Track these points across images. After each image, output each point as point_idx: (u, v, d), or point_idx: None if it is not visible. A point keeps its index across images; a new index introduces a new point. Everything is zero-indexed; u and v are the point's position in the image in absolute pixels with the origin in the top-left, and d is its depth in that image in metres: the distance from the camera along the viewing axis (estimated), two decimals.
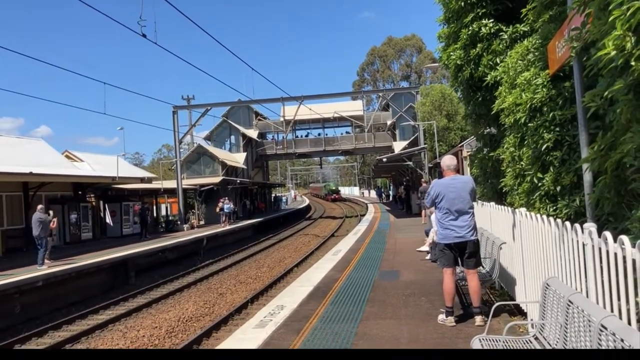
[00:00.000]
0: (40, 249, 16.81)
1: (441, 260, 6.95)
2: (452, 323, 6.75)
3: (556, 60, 6.06)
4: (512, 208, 7.34)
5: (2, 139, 28.90)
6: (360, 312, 7.77)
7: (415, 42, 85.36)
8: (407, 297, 8.71)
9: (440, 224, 6.83)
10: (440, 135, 34.15)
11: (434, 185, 6.97)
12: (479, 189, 11.90)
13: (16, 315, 14.56)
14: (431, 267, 11.52)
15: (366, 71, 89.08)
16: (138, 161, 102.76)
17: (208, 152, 43.06)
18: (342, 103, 52.32)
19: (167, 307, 15.40)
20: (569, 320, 3.95)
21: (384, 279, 10.63)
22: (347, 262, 13.38)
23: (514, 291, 7.37)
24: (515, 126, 7.19)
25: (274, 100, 36.88)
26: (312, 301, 8.76)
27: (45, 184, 24.40)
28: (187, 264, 23.78)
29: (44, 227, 16.80)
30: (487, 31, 9.13)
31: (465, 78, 9.77)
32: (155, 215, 37.58)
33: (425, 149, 31.44)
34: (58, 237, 24.47)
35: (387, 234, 21.07)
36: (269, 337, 6.67)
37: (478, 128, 10.83)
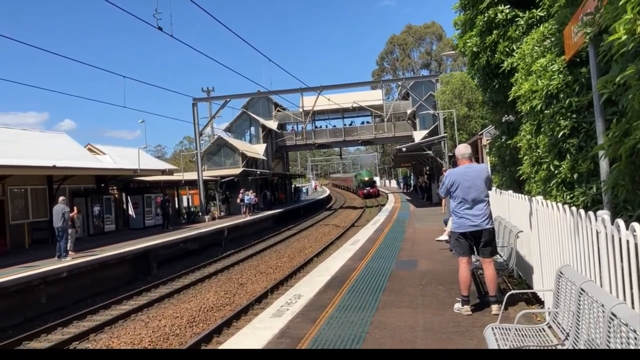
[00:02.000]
0: (60, 240, 17.08)
1: (456, 249, 6.93)
2: (468, 312, 6.73)
3: (572, 45, 5.97)
4: (529, 196, 7.28)
5: (27, 134, 29.44)
6: (377, 301, 7.80)
7: (435, 30, 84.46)
8: (424, 286, 8.71)
9: (455, 212, 6.80)
10: (461, 124, 33.81)
11: (448, 174, 6.94)
12: (498, 177, 11.82)
13: (42, 306, 14.88)
14: (449, 256, 11.44)
15: (385, 60, 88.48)
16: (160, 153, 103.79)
17: (228, 144, 43.31)
18: (362, 93, 52.10)
19: (188, 297, 15.60)
20: (581, 309, 3.92)
21: (402, 268, 10.63)
22: (365, 251, 13.40)
23: (532, 280, 7.33)
24: (532, 113, 7.11)
25: (293, 91, 36.88)
26: (329, 290, 8.81)
27: (69, 177, 24.81)
28: (209, 255, 24.01)
29: (66, 219, 17.08)
30: (503, 17, 9.01)
31: (482, 65, 9.67)
32: (177, 206, 37.98)
33: (446, 138, 31.21)
34: (82, 229, 24.91)
35: (407, 223, 21.03)
36: (285, 326, 6.74)
37: (495, 116, 10.73)
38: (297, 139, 50.88)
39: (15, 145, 24.25)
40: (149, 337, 11.54)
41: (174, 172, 34.87)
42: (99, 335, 12.25)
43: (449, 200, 7.10)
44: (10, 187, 22.73)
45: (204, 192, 36.92)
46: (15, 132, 28.37)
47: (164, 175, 32.37)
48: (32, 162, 21.64)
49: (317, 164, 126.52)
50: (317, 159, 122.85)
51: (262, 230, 33.98)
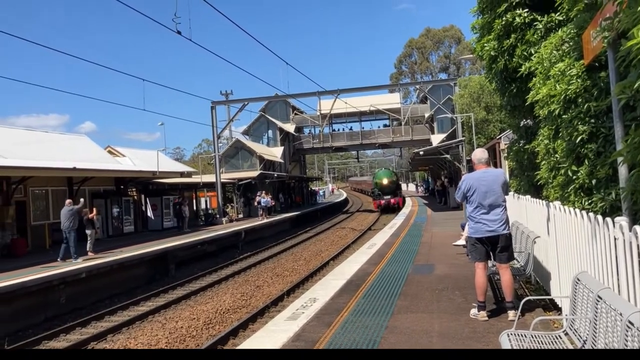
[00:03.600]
0: (66, 243, 17.15)
1: (472, 254, 6.89)
2: (485, 318, 6.69)
3: (591, 50, 5.92)
4: (546, 201, 7.22)
5: (49, 136, 29.89)
6: (392, 306, 7.78)
7: (454, 33, 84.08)
8: (440, 291, 8.67)
9: (472, 217, 6.76)
10: (479, 128, 33.57)
11: (465, 179, 6.90)
12: (516, 182, 11.73)
13: (62, 306, 15.09)
14: (466, 261, 11.33)
15: (404, 63, 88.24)
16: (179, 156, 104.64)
17: (246, 147, 43.52)
18: (379, 96, 52.04)
19: (205, 299, 15.70)
20: (598, 316, 3.89)
21: (418, 273, 10.59)
22: (382, 255, 13.37)
23: (549, 286, 7.26)
24: (550, 118, 7.06)
25: (310, 95, 36.95)
26: (344, 294, 8.81)
27: (89, 179, 25.12)
28: (226, 257, 24.14)
29: (74, 220, 17.21)
30: (521, 21, 8.96)
31: (500, 69, 9.62)
32: (194, 208, 38.22)
33: (463, 142, 30.99)
34: (101, 230, 25.21)
35: (424, 227, 20.94)
36: (300, 330, 6.75)
37: (513, 120, 10.66)
38: (314, 142, 50.94)
39: (36, 147, 24.63)
40: (166, 339, 11.63)
41: (192, 175, 35.11)
42: (116, 336, 12.39)
43: (465, 205, 7.07)
44: (31, 188, 23.09)
45: (221, 194, 37.13)
46: (37, 134, 28.82)
47: (182, 178, 32.62)
48: (53, 164, 21.96)
49: (334, 167, 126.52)
50: (334, 162, 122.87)
51: (279, 233, 34.06)
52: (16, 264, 17.07)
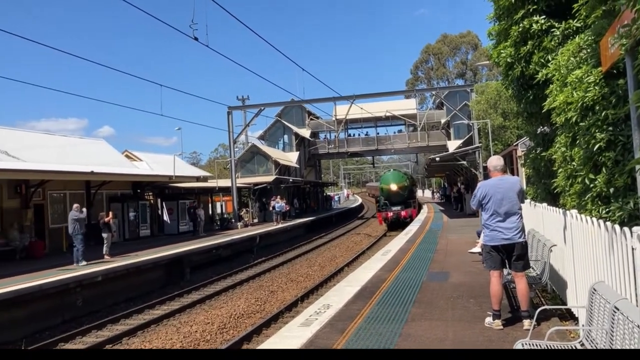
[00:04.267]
0: (74, 247, 17.16)
1: (487, 262, 6.84)
2: (500, 326, 6.63)
3: (608, 57, 5.85)
4: (563, 209, 7.15)
5: (67, 140, 30.24)
6: (406, 313, 7.74)
7: (471, 39, 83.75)
8: (455, 299, 8.61)
9: (487, 225, 6.72)
10: (496, 134, 33.34)
11: (480, 186, 6.86)
12: (532, 190, 11.62)
13: (78, 308, 15.23)
14: (482, 269, 11.21)
15: (420, 69, 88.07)
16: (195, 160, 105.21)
17: (261, 152, 43.69)
18: (395, 102, 51.93)
19: (219, 304, 15.75)
20: (615, 327, 3.84)
21: (433, 280, 10.53)
22: (396, 262, 13.32)
23: (566, 295, 7.18)
24: (567, 125, 6.98)
25: (326, 100, 37.00)
26: (358, 301, 8.79)
27: (106, 183, 25.39)
28: (240, 262, 24.20)
29: (79, 225, 17.28)
30: (538, 28, 8.88)
31: (516, 76, 9.53)
32: (210, 213, 38.41)
33: (480, 148, 30.80)
34: (118, 234, 25.43)
35: (439, 234, 20.82)
36: (314, 336, 6.75)
37: (530, 127, 10.56)
38: (330, 147, 50.98)
39: (55, 151, 24.94)
40: (180, 343, 11.68)
41: (208, 179, 35.32)
42: (131, 339, 12.47)
43: (481, 213, 7.02)
44: (50, 191, 23.38)
45: (237, 199, 37.27)
46: (56, 138, 29.18)
47: (198, 182, 32.83)
48: (71, 168, 22.23)
49: (349, 172, 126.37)
50: (350, 168, 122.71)
51: (294, 238, 34.08)
52: (34, 266, 17.29)
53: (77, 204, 18.49)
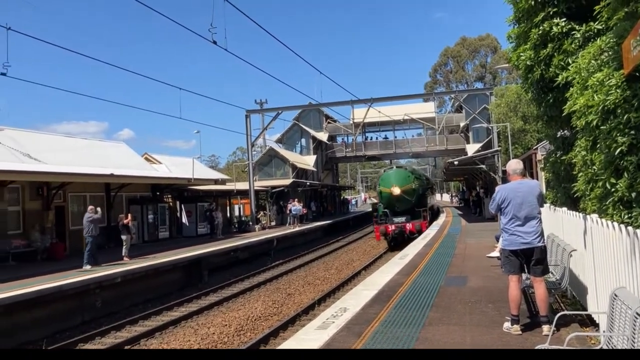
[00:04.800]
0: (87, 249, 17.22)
1: (506, 267, 6.77)
2: (518, 332, 6.56)
3: (631, 59, 5.78)
4: (584, 214, 7.06)
5: (88, 142, 30.63)
6: (424, 318, 7.70)
7: (490, 42, 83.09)
8: (473, 304, 8.54)
9: (506, 229, 6.65)
10: (516, 138, 33.10)
11: (499, 190, 6.80)
12: (552, 194, 11.50)
13: (98, 309, 15.39)
14: (500, 273, 11.10)
15: (438, 72, 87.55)
16: (214, 163, 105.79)
17: (279, 155, 43.82)
18: (413, 105, 51.78)
19: (237, 306, 15.80)
20: (637, 334, 3.77)
21: (451, 285, 10.46)
22: (414, 266, 13.25)
23: (586, 300, 7.09)
24: (587, 129, 6.91)
25: (344, 103, 37.04)
26: (375, 305, 8.76)
27: (126, 185, 25.64)
28: (258, 264, 24.26)
29: (94, 227, 17.41)
30: (559, 30, 8.80)
31: (536, 79, 9.46)
32: (228, 215, 38.60)
33: (499, 152, 30.58)
34: (137, 236, 25.66)
35: (457, 238, 20.68)
36: (330, 339, 6.74)
37: (550, 130, 10.46)
38: (347, 151, 50.97)
39: (76, 154, 25.26)
40: (198, 344, 11.74)
41: (226, 182, 35.50)
42: (149, 341, 12.56)
43: (500, 217, 6.96)
44: (70, 193, 23.68)
45: (254, 201, 37.42)
46: (76, 141, 29.56)
47: (216, 185, 33.01)
48: (91, 170, 22.50)
49: (367, 176, 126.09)
50: (367, 171, 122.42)
51: (311, 241, 34.09)
52: (55, 267, 17.50)
53: (92, 205, 18.66)
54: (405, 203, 27.52)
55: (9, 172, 18.31)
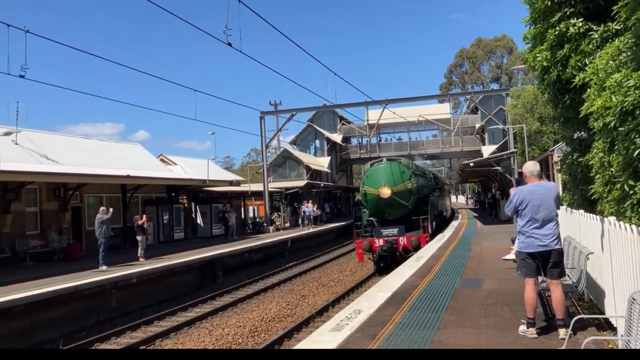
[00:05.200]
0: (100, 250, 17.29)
1: (522, 269, 6.70)
2: (534, 335, 6.49)
3: None
4: (601, 216, 6.98)
5: (105, 144, 30.94)
6: (439, 320, 7.65)
7: (506, 43, 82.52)
8: (488, 307, 8.47)
9: (523, 232, 6.57)
10: (532, 139, 32.84)
11: (517, 192, 6.72)
12: (569, 196, 11.39)
13: (113, 310, 15.52)
14: (516, 276, 11.00)
15: (454, 73, 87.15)
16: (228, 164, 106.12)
17: (293, 156, 43.89)
18: (428, 106, 51.59)
19: (251, 307, 15.84)
20: None
21: (466, 287, 10.38)
22: (429, 268, 13.18)
23: (603, 304, 7.00)
24: (605, 130, 6.83)
25: (358, 105, 37.02)
26: (389, 307, 8.72)
27: (141, 186, 25.84)
28: (272, 265, 24.31)
29: (106, 228, 17.50)
30: (576, 31, 8.71)
31: (552, 80, 9.37)
32: (242, 217, 38.73)
33: (515, 154, 30.35)
34: (152, 237, 25.85)
35: (473, 240, 20.53)
36: (344, 341, 6.72)
37: (567, 132, 10.36)
38: (362, 152, 50.86)
39: (93, 155, 25.52)
40: (212, 345, 11.79)
41: (240, 183, 35.65)
42: (164, 341, 12.63)
43: (516, 219, 6.89)
44: (87, 194, 23.93)
45: (269, 203, 37.51)
46: (93, 143, 29.88)
47: (231, 186, 33.16)
48: (108, 172, 22.72)
49: None
50: None
51: (325, 243, 34.08)
52: (71, 267, 17.68)
53: (105, 207, 18.81)
54: (399, 209, 20.62)
55: (27, 173, 18.55)
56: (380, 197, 20.01)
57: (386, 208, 20.51)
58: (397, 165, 21.14)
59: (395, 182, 20.22)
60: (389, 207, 20.40)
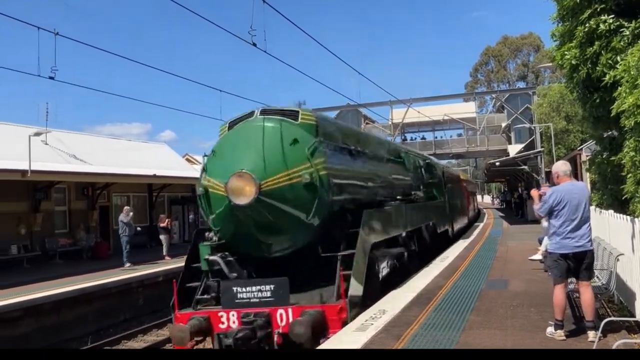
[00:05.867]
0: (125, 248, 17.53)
1: (554, 271, 6.53)
2: (562, 337, 6.38)
3: None
4: (632, 217, 6.83)
5: (131, 144, 31.36)
6: (464, 321, 7.57)
7: (533, 41, 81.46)
8: (515, 308, 8.35)
9: (559, 232, 6.36)
10: (559, 138, 32.37)
11: (554, 191, 6.51)
12: (598, 196, 11.19)
13: (140, 307, 15.72)
14: (544, 277, 10.93)
15: (479, 71, 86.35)
16: None
17: None
18: (453, 105, 51.15)
19: None
20: None
21: (492, 288, 10.26)
22: (454, 269, 13.06)
23: (634, 306, 6.86)
24: (637, 129, 6.69)
25: (382, 104, 36.99)
26: (414, 307, 8.66)
27: (167, 186, 26.13)
28: None
29: (128, 228, 17.68)
30: (606, 28, 8.52)
31: (582, 78, 9.19)
32: None
33: (542, 153, 29.95)
34: (178, 236, 26.13)
35: (499, 241, 20.29)
36: (369, 341, 6.70)
37: (596, 131, 10.17)
38: None
39: (120, 155, 25.90)
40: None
41: None
42: None
43: (546, 219, 6.74)
44: (114, 194, 24.28)
45: None
46: (120, 143, 30.31)
47: None
48: (135, 171, 23.03)
49: None
50: None
51: None
52: (99, 265, 17.97)
53: (129, 206, 19.05)
54: (283, 233, 8.62)
55: (57, 172, 18.93)
56: (234, 204, 8.11)
57: (253, 230, 8.49)
58: (281, 124, 8.74)
59: (271, 168, 8.21)
60: (258, 228, 8.45)
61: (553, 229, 6.49)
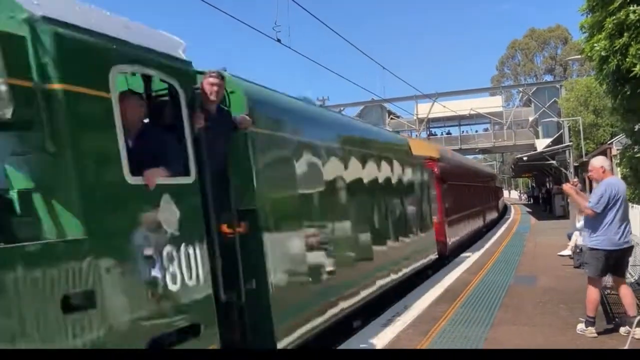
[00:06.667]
0: None
1: (592, 267, 6.28)
2: (593, 334, 6.28)
3: None
4: None
5: None
6: (492, 317, 7.52)
7: (560, 33, 80.00)
8: (544, 304, 8.27)
9: (608, 228, 6.07)
10: (587, 133, 31.74)
11: (608, 184, 6.20)
12: (630, 190, 10.98)
13: None
14: (573, 272, 10.80)
15: (506, 65, 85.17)
16: None
17: None
18: (480, 99, 50.65)
19: None
20: None
21: (520, 284, 10.17)
22: (481, 265, 12.97)
23: None
24: None
25: (407, 99, 36.77)
26: (441, 303, 8.64)
27: None
28: None
29: None
30: (636, 17, 8.32)
31: (611, 70, 8.99)
32: None
33: (571, 147, 29.45)
34: None
35: (526, 236, 20.08)
36: (396, 337, 6.70)
37: (627, 124, 9.96)
38: None
39: None
40: None
41: None
42: None
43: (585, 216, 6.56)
44: None
45: None
46: None
47: None
48: None
49: None
50: None
51: None
52: None
53: None
54: None
55: None
56: None
57: None
58: None
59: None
60: None
61: (603, 225, 6.14)
